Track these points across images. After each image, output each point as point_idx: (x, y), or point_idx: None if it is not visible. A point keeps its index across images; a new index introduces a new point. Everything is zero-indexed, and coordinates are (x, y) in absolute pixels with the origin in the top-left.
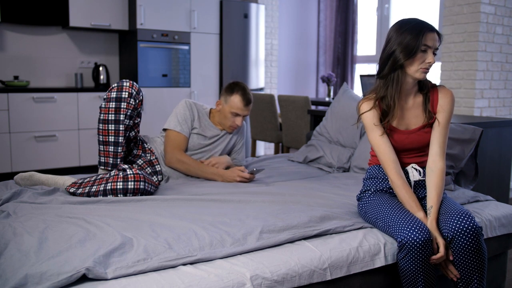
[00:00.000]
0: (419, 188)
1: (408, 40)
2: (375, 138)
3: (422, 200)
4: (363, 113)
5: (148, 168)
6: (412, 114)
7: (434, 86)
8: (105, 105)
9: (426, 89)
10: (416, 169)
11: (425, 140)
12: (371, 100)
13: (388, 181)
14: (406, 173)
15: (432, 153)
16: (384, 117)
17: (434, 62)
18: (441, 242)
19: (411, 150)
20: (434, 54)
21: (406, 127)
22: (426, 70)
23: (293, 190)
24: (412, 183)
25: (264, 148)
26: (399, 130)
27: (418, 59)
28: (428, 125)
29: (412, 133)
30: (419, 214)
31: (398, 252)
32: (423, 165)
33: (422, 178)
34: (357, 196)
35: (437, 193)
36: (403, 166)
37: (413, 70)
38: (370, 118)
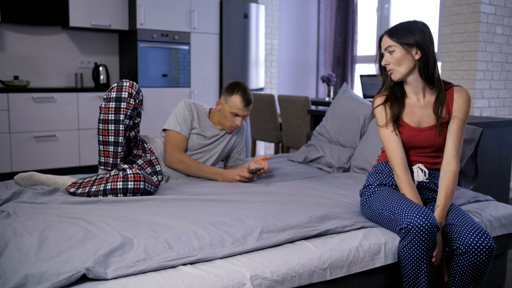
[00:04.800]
0: (422, 190)
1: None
2: (385, 134)
3: (424, 201)
4: (376, 107)
5: (148, 168)
6: (423, 113)
7: (451, 86)
8: (105, 105)
9: (438, 89)
10: (422, 170)
11: (435, 139)
12: (385, 96)
13: (393, 177)
14: (411, 173)
15: (446, 154)
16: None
17: (388, 63)
18: (439, 238)
19: (420, 148)
20: (390, 52)
21: (418, 124)
22: (390, 72)
23: (293, 190)
24: (416, 183)
25: (264, 148)
26: (410, 126)
27: None
28: (440, 125)
29: (423, 131)
30: None
31: (401, 240)
32: (430, 167)
33: (426, 180)
34: (360, 191)
35: (445, 194)
36: (410, 164)
37: None
38: (382, 113)
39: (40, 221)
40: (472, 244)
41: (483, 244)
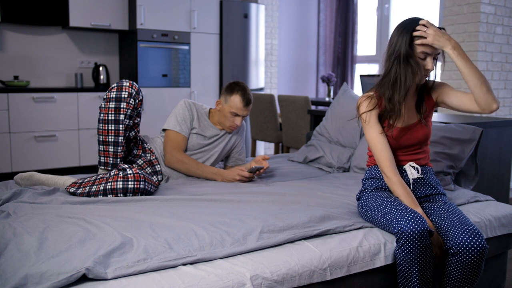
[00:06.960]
0: (417, 187)
1: (408, 46)
2: (372, 136)
3: (420, 199)
4: (363, 113)
5: (148, 168)
6: (407, 111)
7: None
8: (105, 105)
9: (425, 88)
10: (414, 167)
11: (422, 134)
12: (371, 98)
13: None
14: (404, 172)
15: (468, 95)
16: (384, 116)
17: (433, 69)
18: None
19: (408, 147)
20: (435, 59)
21: (403, 123)
22: (425, 76)
23: (293, 190)
24: (411, 181)
25: (264, 148)
26: (398, 127)
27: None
28: (423, 120)
29: (409, 129)
30: (417, 210)
31: (396, 244)
32: (419, 162)
33: (420, 176)
34: (356, 196)
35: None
36: (400, 164)
37: None
38: (369, 115)
39: (40, 221)
40: (465, 245)
41: (475, 245)
